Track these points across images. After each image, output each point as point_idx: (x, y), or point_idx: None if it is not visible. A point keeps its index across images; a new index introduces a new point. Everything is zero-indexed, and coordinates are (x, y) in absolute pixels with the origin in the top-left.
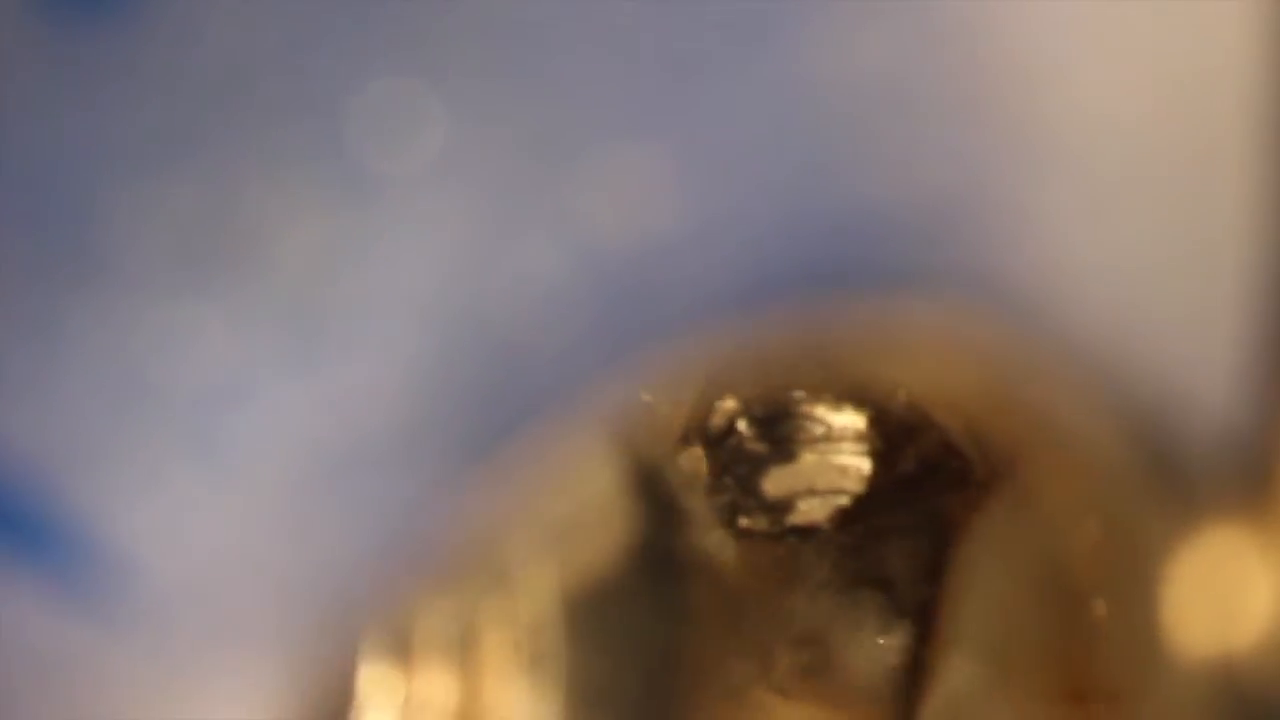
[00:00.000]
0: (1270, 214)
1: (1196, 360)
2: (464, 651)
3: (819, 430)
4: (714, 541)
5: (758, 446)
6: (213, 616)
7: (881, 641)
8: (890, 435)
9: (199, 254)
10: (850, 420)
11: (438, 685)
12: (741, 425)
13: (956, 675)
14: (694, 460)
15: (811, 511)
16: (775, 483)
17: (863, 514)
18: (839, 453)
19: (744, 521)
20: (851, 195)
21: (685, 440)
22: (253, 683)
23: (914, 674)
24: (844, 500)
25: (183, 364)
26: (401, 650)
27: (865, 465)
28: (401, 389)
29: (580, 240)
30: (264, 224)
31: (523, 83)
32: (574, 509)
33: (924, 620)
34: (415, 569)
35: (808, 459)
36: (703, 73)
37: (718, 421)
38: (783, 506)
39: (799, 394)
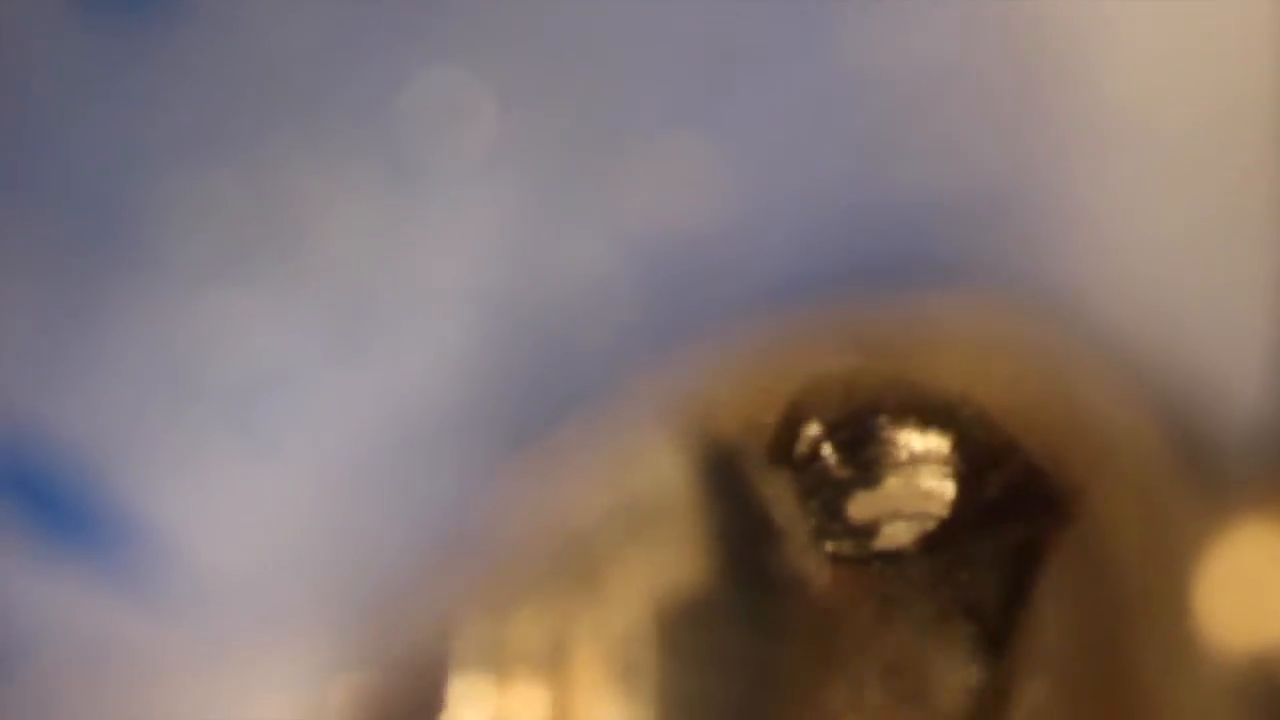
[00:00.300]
0: None
1: (1234, 353)
2: (554, 662)
3: (903, 454)
4: (805, 562)
5: (842, 471)
6: (257, 604)
7: (968, 669)
8: (974, 459)
9: (246, 245)
10: (934, 444)
11: (528, 696)
12: (826, 450)
13: (1034, 701)
14: (780, 484)
15: (897, 535)
16: (860, 507)
17: (948, 538)
18: (924, 476)
19: (829, 546)
20: (898, 187)
21: (771, 464)
22: (296, 669)
23: (995, 701)
24: (929, 524)
25: (230, 353)
26: (492, 659)
27: (950, 489)
28: (448, 379)
29: (627, 230)
30: (311, 215)
31: (570, 73)
32: (661, 515)
33: (1007, 646)
34: (468, 561)
35: (892, 483)
36: (750, 64)
37: (802, 447)
38: (868, 531)
39: (883, 418)
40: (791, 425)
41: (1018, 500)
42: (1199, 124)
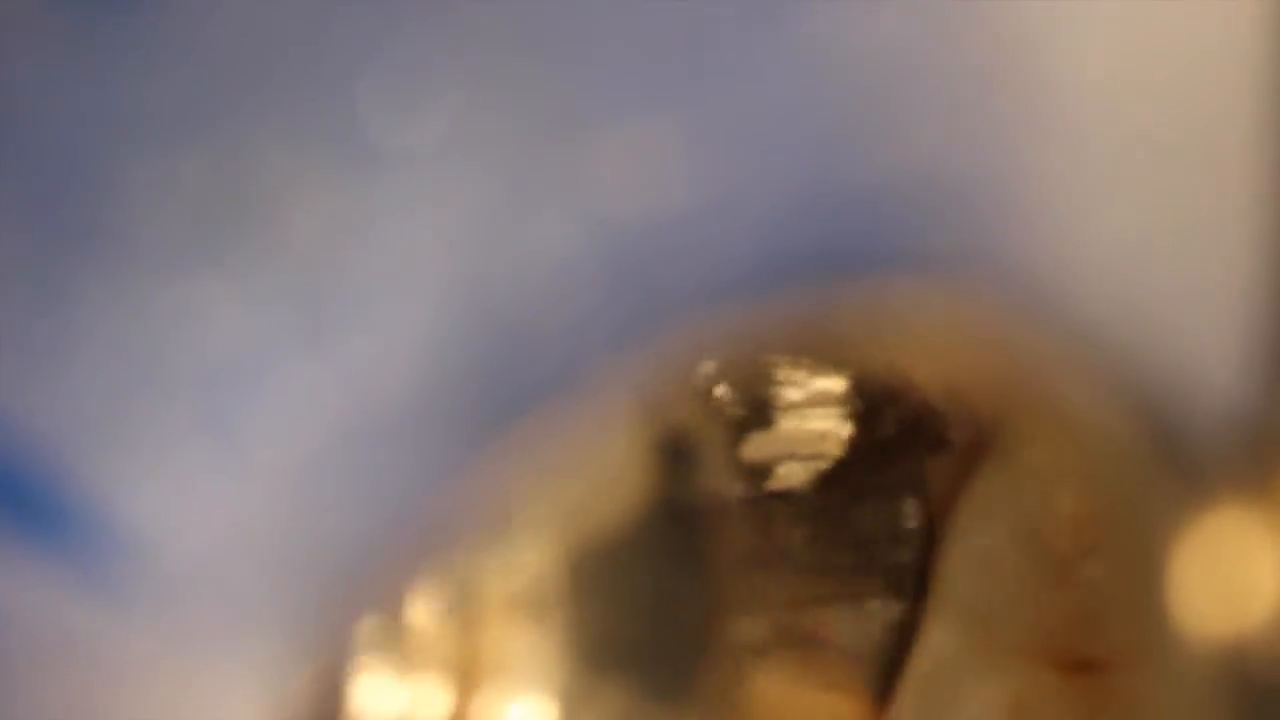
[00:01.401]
0: (1277, 194)
1: (1202, 340)
2: (464, 601)
3: (797, 395)
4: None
5: (736, 411)
6: (222, 595)
7: (865, 608)
8: (869, 399)
9: (211, 230)
10: (829, 384)
11: (436, 635)
12: (719, 390)
13: (941, 641)
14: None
15: (790, 476)
16: (754, 448)
17: (842, 478)
18: (818, 417)
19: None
20: (861, 171)
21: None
22: (261, 660)
23: (899, 640)
24: (823, 464)
25: (194, 341)
26: (399, 601)
27: (844, 429)
28: (413, 365)
29: (591, 215)
30: (276, 199)
31: (534, 58)
32: (579, 463)
33: (909, 586)
34: (424, 544)
35: (786, 423)
36: (713, 48)
37: (696, 385)
38: (762, 471)
39: (777, 358)
40: (690, 365)
41: (913, 439)
42: (1170, 113)
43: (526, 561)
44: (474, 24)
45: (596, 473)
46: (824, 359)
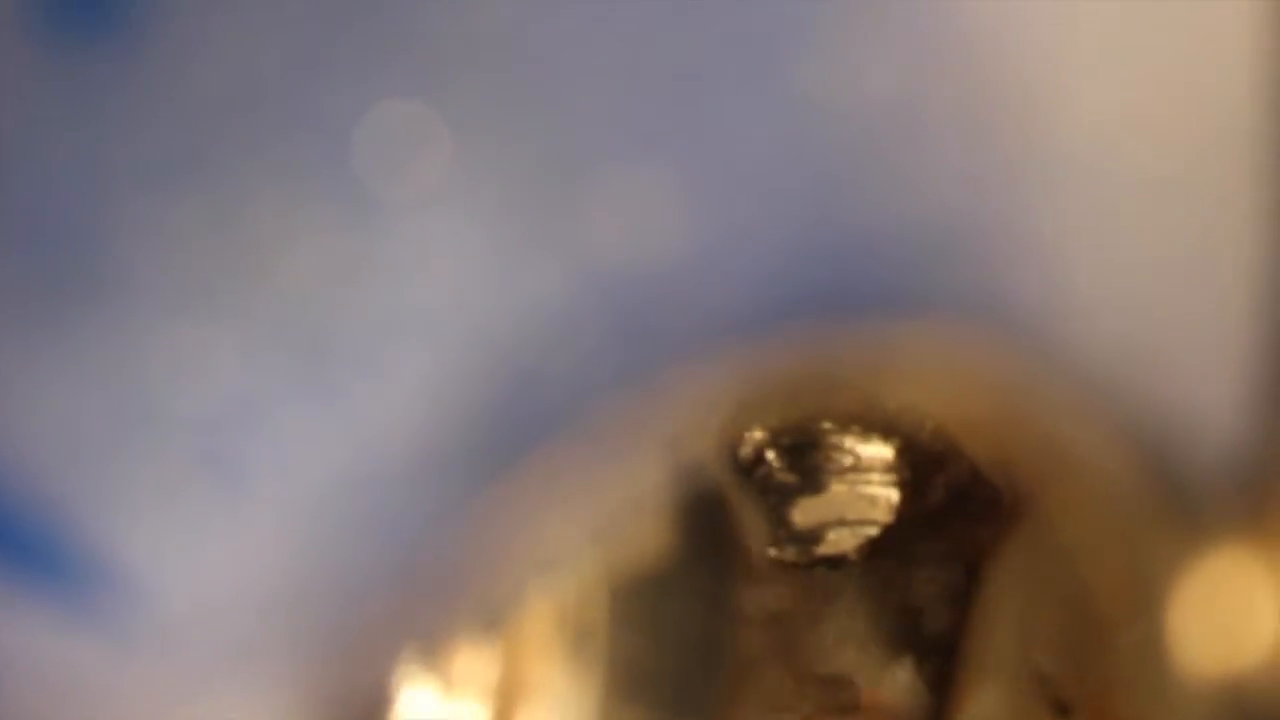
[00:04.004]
0: (1276, 236)
1: (1201, 381)
2: (505, 627)
3: (847, 460)
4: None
5: (787, 477)
6: (224, 639)
7: (911, 673)
8: (918, 465)
9: (206, 275)
10: (878, 450)
11: (477, 661)
12: (770, 455)
13: (983, 707)
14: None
15: (841, 542)
16: (804, 513)
17: (892, 545)
18: (868, 483)
19: (773, 552)
20: (858, 217)
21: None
22: (264, 705)
23: (941, 706)
24: (873, 530)
25: (192, 385)
26: (441, 627)
27: (894, 495)
28: (412, 410)
29: (587, 261)
30: (271, 245)
31: (529, 104)
32: (622, 501)
33: (953, 651)
34: (435, 585)
35: (836, 489)
36: (708, 95)
37: (746, 451)
38: (812, 537)
39: (827, 424)
40: (735, 430)
41: (961, 505)
42: (1169, 154)
43: (567, 590)
44: (467, 71)
45: (633, 501)
46: (873, 424)
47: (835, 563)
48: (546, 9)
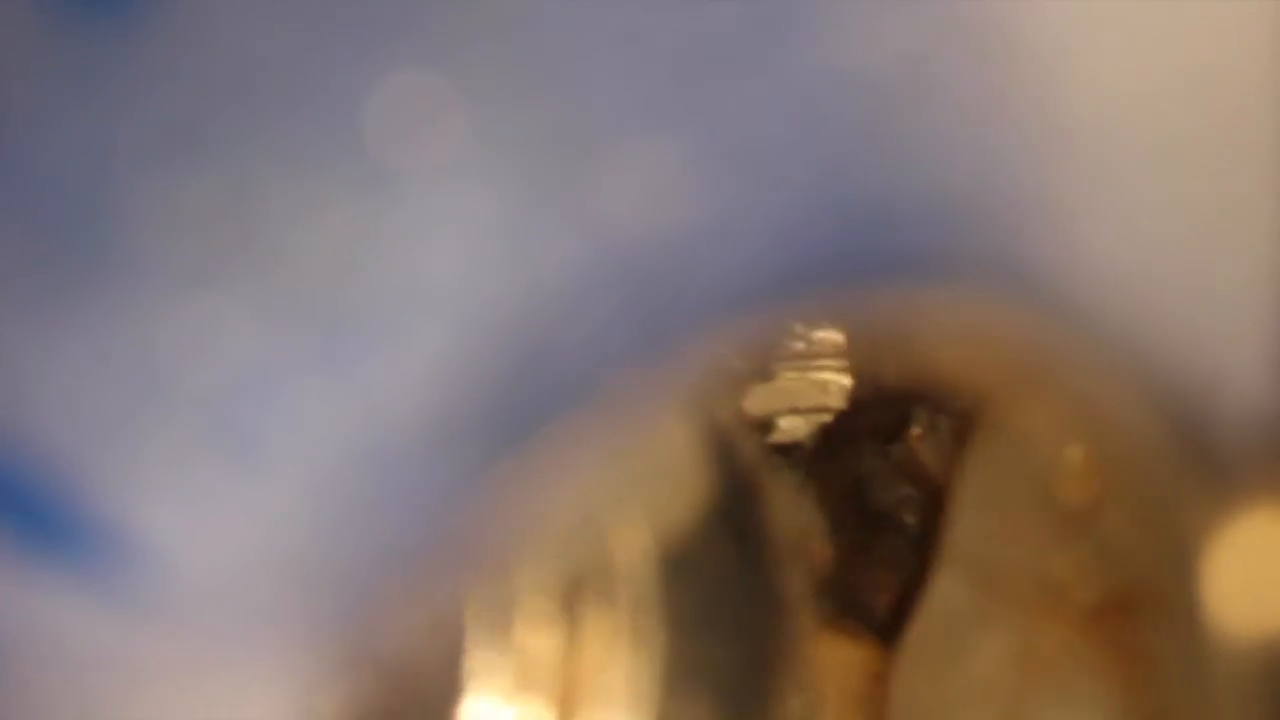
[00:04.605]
0: None
1: (1226, 344)
2: (567, 620)
3: (799, 347)
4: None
5: (738, 366)
6: (240, 609)
7: (877, 564)
8: (870, 351)
9: (220, 250)
10: (828, 336)
11: (544, 649)
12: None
13: (948, 592)
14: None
15: (794, 429)
16: (755, 401)
17: (846, 431)
18: (819, 369)
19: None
20: (872, 186)
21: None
22: (282, 674)
23: (909, 595)
24: (826, 417)
25: (207, 359)
26: (507, 617)
27: (845, 381)
28: (426, 381)
29: (601, 233)
30: (285, 219)
31: (542, 77)
32: (659, 474)
33: (918, 542)
34: (450, 558)
35: (787, 377)
36: (722, 65)
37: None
38: (764, 425)
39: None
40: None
41: (914, 393)
42: (1189, 117)
43: (622, 577)
44: (480, 44)
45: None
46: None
47: (789, 450)
48: None
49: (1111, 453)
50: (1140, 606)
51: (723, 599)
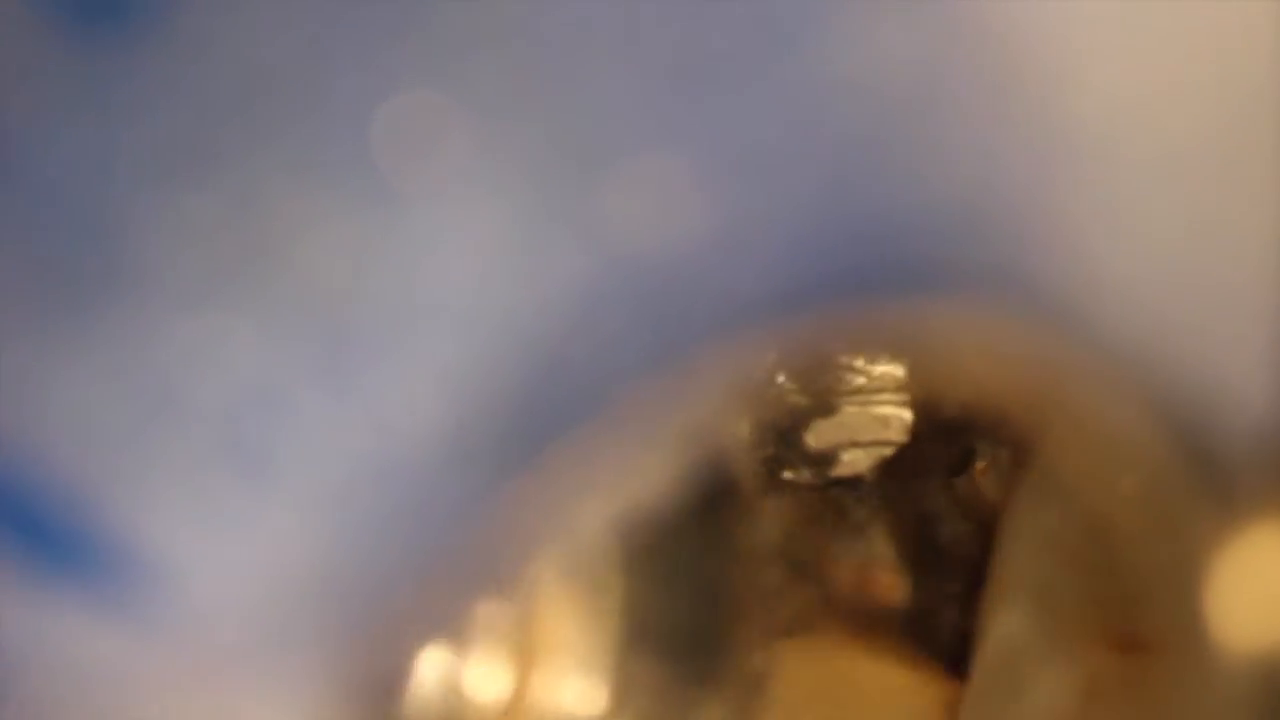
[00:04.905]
0: None
1: (1232, 355)
2: (520, 581)
3: (859, 381)
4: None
5: (799, 400)
6: (248, 627)
7: (932, 590)
8: (929, 384)
9: (227, 264)
10: (889, 370)
11: (494, 614)
12: (780, 378)
13: (1007, 624)
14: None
15: (855, 463)
16: (817, 435)
17: (906, 463)
18: (879, 403)
19: (788, 474)
20: (879, 198)
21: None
22: (292, 692)
23: (966, 624)
24: (887, 450)
25: (214, 375)
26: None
27: (906, 415)
28: (435, 397)
29: (609, 247)
30: (292, 234)
31: (548, 91)
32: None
33: (973, 571)
34: (462, 571)
35: (848, 410)
36: (727, 78)
37: (758, 375)
38: (826, 458)
39: (838, 345)
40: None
41: (975, 425)
42: (1194, 127)
43: (581, 545)
44: (486, 58)
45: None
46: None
47: (851, 484)
48: None
49: (1123, 470)
50: (1153, 627)
51: (682, 555)
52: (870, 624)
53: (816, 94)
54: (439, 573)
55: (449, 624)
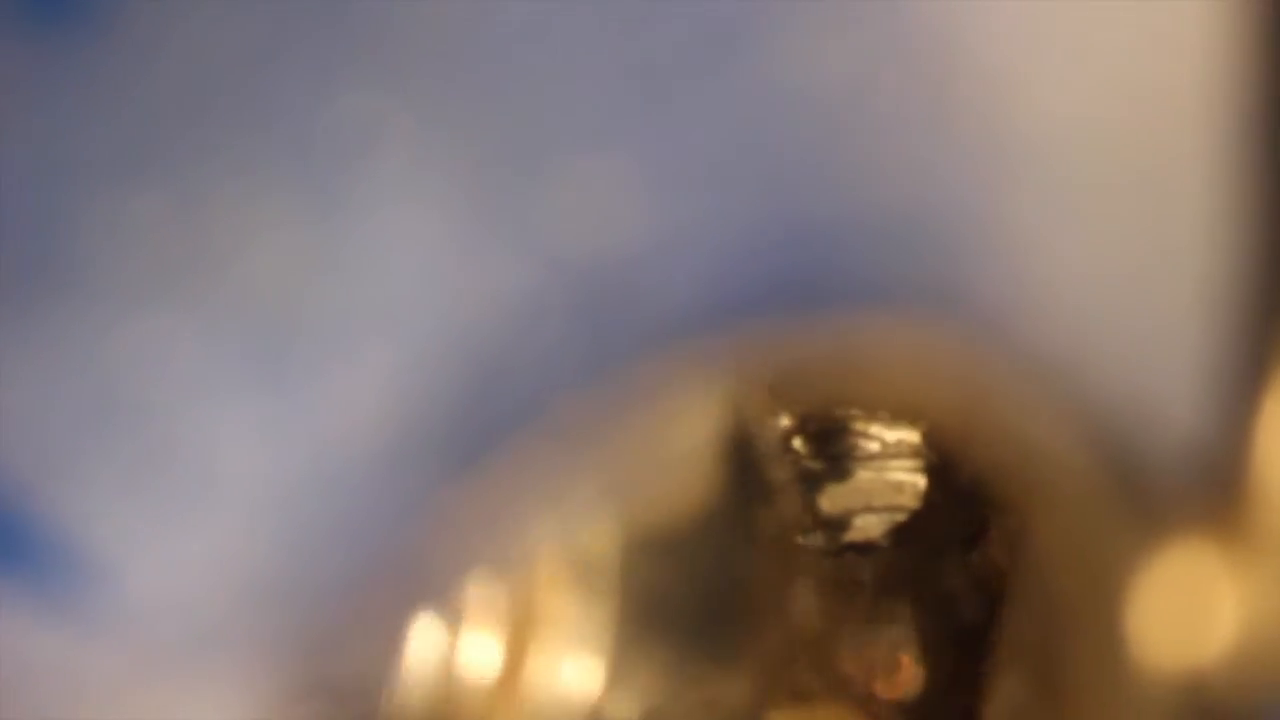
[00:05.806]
0: (1234, 224)
1: (1162, 372)
2: (517, 560)
3: (874, 447)
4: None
5: (813, 464)
6: (189, 623)
7: (937, 656)
8: (944, 450)
9: (169, 266)
10: (904, 436)
11: (491, 594)
12: (796, 443)
13: (1012, 691)
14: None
15: (868, 528)
16: (831, 500)
17: (919, 529)
18: (894, 469)
19: (801, 538)
20: (819, 205)
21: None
22: (230, 689)
23: (972, 689)
24: (900, 516)
25: (157, 376)
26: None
27: (920, 481)
28: (376, 400)
29: (550, 252)
30: (233, 236)
31: (490, 95)
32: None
33: (980, 636)
34: (402, 573)
35: (863, 475)
36: (669, 84)
37: (773, 440)
38: (839, 523)
39: (853, 411)
40: (763, 419)
41: (987, 491)
42: (1124, 138)
43: (580, 524)
44: (428, 63)
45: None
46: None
47: (864, 549)
48: (506, 1)
49: (1043, 485)
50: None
51: (689, 534)
52: (879, 710)
53: (756, 104)
54: (377, 576)
55: (386, 628)
